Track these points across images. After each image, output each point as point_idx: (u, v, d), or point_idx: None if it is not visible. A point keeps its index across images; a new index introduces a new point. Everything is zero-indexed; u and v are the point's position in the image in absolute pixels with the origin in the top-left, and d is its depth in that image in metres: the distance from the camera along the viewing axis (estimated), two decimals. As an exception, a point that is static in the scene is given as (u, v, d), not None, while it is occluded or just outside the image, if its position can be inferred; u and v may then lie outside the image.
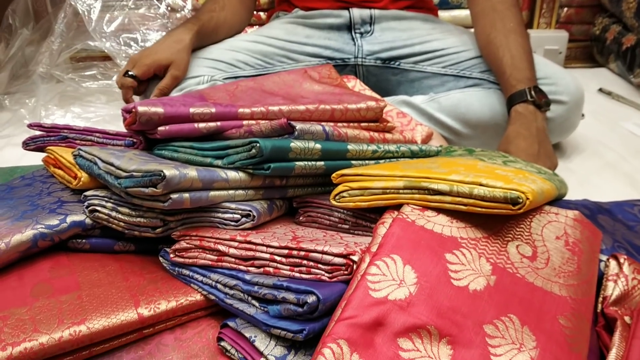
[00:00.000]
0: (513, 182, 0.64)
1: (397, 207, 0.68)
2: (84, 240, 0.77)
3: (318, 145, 0.76)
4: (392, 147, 0.88)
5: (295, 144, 0.74)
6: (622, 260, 0.72)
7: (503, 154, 0.94)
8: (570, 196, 0.96)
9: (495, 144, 1.13)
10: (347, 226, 0.76)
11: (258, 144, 0.70)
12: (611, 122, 1.49)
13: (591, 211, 0.86)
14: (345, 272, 0.62)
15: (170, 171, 0.66)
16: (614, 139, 1.39)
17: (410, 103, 1.27)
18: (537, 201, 0.66)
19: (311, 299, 0.59)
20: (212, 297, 0.68)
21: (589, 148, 1.32)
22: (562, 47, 1.99)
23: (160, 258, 0.74)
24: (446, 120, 1.23)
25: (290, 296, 0.60)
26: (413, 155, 0.92)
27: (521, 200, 0.62)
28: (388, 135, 0.96)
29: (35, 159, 0.96)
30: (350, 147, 0.81)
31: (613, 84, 1.81)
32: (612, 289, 0.70)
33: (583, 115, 1.27)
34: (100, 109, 1.46)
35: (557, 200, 0.85)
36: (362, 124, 0.94)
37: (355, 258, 0.62)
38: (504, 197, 0.62)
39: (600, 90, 1.75)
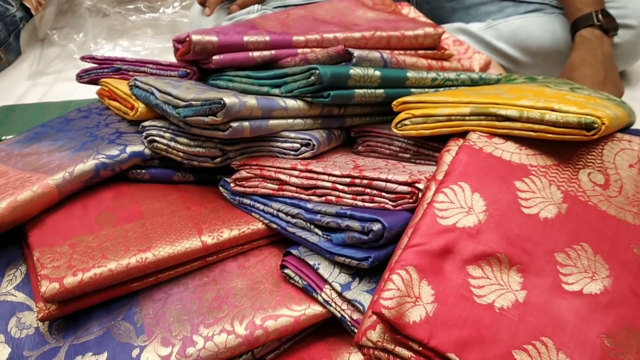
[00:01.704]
0: (587, 107, 0.61)
1: (462, 134, 0.66)
2: (143, 171, 0.77)
3: (377, 73, 0.74)
4: (452, 75, 0.85)
5: (355, 70, 0.72)
6: (697, 190, 0.69)
7: (568, 81, 0.90)
8: (638, 126, 0.92)
9: (556, 73, 1.08)
10: (408, 155, 0.74)
11: (317, 71, 0.69)
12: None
13: (662, 140, 0.83)
14: (410, 200, 0.61)
15: (230, 99, 0.65)
16: (683, 67, 1.32)
17: (466, 31, 1.22)
18: (612, 127, 0.63)
19: (376, 226, 0.58)
20: (274, 226, 0.68)
21: (656, 75, 1.26)
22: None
23: (221, 188, 0.74)
24: (505, 48, 1.18)
25: (355, 224, 0.60)
26: (473, 83, 0.88)
27: (596, 126, 0.59)
28: (446, 64, 0.92)
29: (87, 93, 0.96)
30: (409, 74, 0.79)
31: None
32: (687, 219, 0.67)
33: (651, 41, 1.21)
34: (147, 42, 1.45)
35: (626, 129, 0.81)
36: (420, 52, 0.91)
37: (420, 186, 0.61)
38: (577, 123, 0.59)
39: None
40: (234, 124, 0.66)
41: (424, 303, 0.50)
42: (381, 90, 0.75)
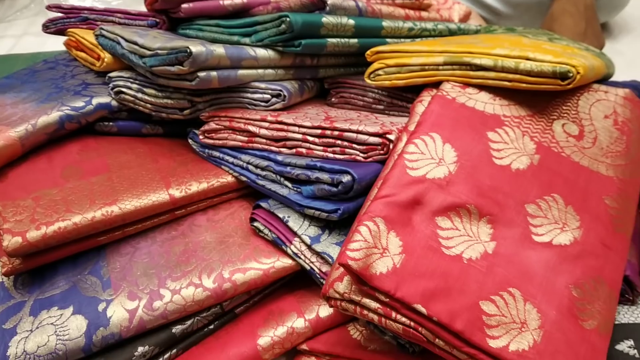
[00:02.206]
0: (562, 56, 0.59)
1: (436, 85, 0.64)
2: (111, 123, 0.75)
3: (351, 21, 0.72)
4: (429, 25, 0.83)
5: (328, 19, 0.69)
6: (672, 141, 0.68)
7: (547, 32, 0.88)
8: (619, 77, 0.91)
9: (537, 24, 1.06)
10: (382, 107, 0.73)
11: (288, 19, 0.66)
12: (662, 1, 1.39)
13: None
14: (381, 152, 0.60)
15: (197, 47, 0.62)
16: (665, 19, 1.30)
17: (446, -19, 1.19)
18: (588, 77, 0.61)
19: (346, 178, 0.57)
20: (244, 179, 0.66)
21: (638, 28, 1.24)
22: None
23: (190, 140, 0.72)
24: (486, -1, 1.16)
25: (324, 176, 0.59)
26: (451, 33, 0.86)
27: (571, 75, 0.58)
28: (424, 14, 0.90)
29: (58, 45, 0.93)
30: (385, 23, 0.76)
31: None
32: (661, 170, 0.67)
33: (633, -8, 1.19)
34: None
35: (605, 80, 0.80)
36: (397, 1, 0.88)
37: (392, 137, 0.60)
38: (552, 72, 0.58)
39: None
40: (201, 74, 0.64)
41: (392, 254, 0.49)
42: (355, 40, 0.73)
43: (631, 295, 0.59)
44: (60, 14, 0.92)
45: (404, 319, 0.48)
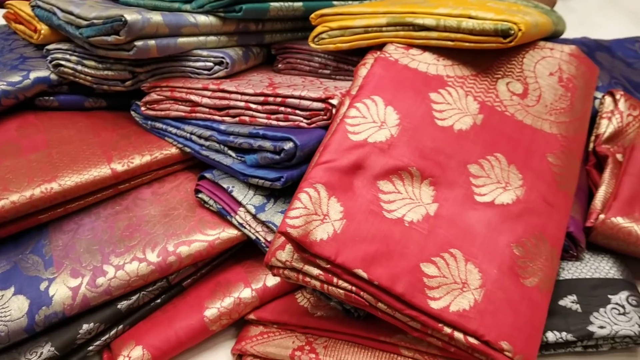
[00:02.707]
0: (505, 14, 0.58)
1: (381, 47, 0.63)
2: (51, 98, 0.72)
3: (295, -16, 0.70)
4: (378, -14, 0.81)
5: (269, -18, 0.67)
6: (618, 97, 0.68)
7: (498, -10, 0.87)
8: (570, 35, 0.91)
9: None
10: (328, 71, 0.72)
11: (227, -17, 0.64)
12: (617, -43, 1.39)
13: (589, 48, 0.82)
14: (325, 117, 0.59)
15: (132, 15, 0.60)
16: (620, -26, 1.30)
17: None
18: (531, 34, 0.61)
19: (288, 145, 0.56)
20: (188, 150, 0.65)
21: (591, -16, 1.24)
22: None
23: (132, 112, 0.71)
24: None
25: (267, 144, 0.58)
26: (401, -6, 0.85)
27: (513, 32, 0.57)
28: (374, -25, 0.88)
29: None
30: (330, -15, 0.75)
31: None
32: (606, 127, 0.67)
33: (587, -51, 1.18)
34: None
35: (554, 38, 0.80)
36: (346, -37, 0.86)
37: (334, 102, 0.59)
38: (494, 30, 0.57)
39: None
40: (139, 43, 0.62)
41: (332, 220, 0.49)
42: (300, 4, 0.71)
43: (575, 251, 0.59)
44: (-3, -15, 0.89)
45: (345, 285, 0.48)
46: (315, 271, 0.49)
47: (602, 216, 0.60)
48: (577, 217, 0.60)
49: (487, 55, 0.63)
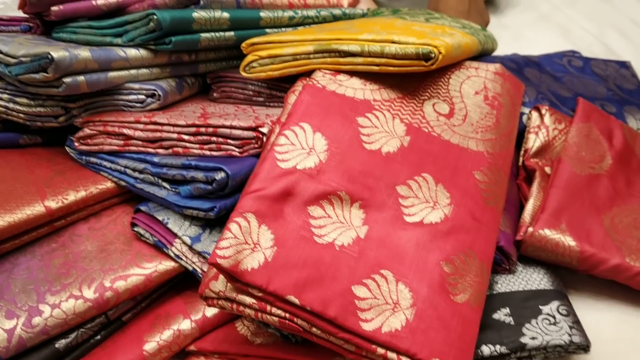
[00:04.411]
0: (426, 37, 0.60)
1: (310, 74, 0.64)
2: (-16, 137, 0.72)
3: (226, 14, 0.71)
4: (312, 12, 0.83)
5: (199, 13, 0.68)
6: (543, 112, 0.71)
7: (428, 11, 0.90)
8: (504, 51, 0.94)
9: (426, 3, 1.08)
10: (262, 99, 0.72)
11: (155, 16, 0.65)
12: (548, -28, 1.44)
13: (518, 64, 0.85)
14: (256, 146, 0.60)
15: (58, 53, 0.60)
16: (550, -10, 1.34)
17: (336, -35, 1.19)
18: (452, 56, 0.63)
19: (219, 175, 0.57)
20: (123, 183, 0.65)
21: (523, 1, 1.27)
22: None
23: (67, 148, 0.70)
24: (375, -19, 1.17)
25: (199, 174, 0.58)
26: (335, 19, 0.86)
27: (434, 55, 0.59)
28: (310, 1, 0.90)
29: None
30: (263, 14, 0.76)
31: None
32: (533, 141, 0.70)
33: (518, -34, 1.22)
34: (5, -4, 1.34)
35: (484, 56, 0.82)
36: (281, -11, 0.88)
37: (264, 130, 0.59)
38: (416, 53, 0.59)
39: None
40: (67, 80, 0.62)
41: (263, 248, 0.49)
42: (232, 33, 0.72)
43: (507, 265, 0.61)
44: None
45: (279, 312, 0.49)
46: (249, 300, 0.49)
47: (530, 229, 0.62)
48: (508, 230, 0.62)
49: (413, 77, 0.64)
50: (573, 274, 0.66)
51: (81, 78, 0.63)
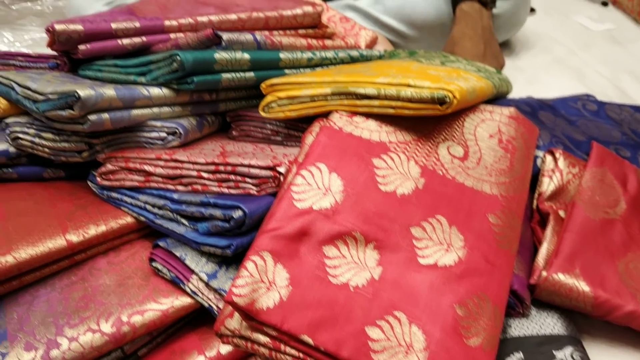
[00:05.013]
0: (441, 81, 0.62)
1: (327, 115, 0.66)
2: (10, 170, 0.74)
3: (246, 55, 0.73)
4: (330, 54, 0.85)
5: (221, 55, 0.70)
6: (557, 155, 0.72)
7: (444, 54, 0.91)
8: (518, 94, 0.95)
9: (442, 45, 1.10)
10: (280, 138, 0.74)
11: (179, 57, 0.67)
12: (562, 16, 1.46)
13: (532, 108, 0.86)
14: (273, 185, 0.61)
15: (85, 91, 0.62)
16: (565, 33, 1.36)
17: (354, 7, 1.22)
18: (467, 100, 0.64)
19: (237, 213, 0.58)
20: (143, 219, 0.66)
21: (538, 44, 1.30)
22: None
23: (89, 182, 0.72)
24: (392, 23, 1.19)
25: (217, 212, 0.59)
26: (353, 61, 0.89)
27: (448, 100, 0.60)
28: (328, 42, 0.92)
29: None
30: (282, 55, 0.78)
31: (567, -25, 1.76)
32: (547, 185, 0.70)
33: (533, 10, 1.24)
34: (33, 33, 1.38)
35: (499, 99, 0.84)
36: (300, 31, 0.90)
37: (281, 169, 0.61)
38: (431, 97, 0.60)
39: (554, -17, 1.70)
40: (92, 117, 0.64)
41: (278, 287, 0.50)
42: (252, 74, 0.74)
43: (521, 308, 0.61)
44: (-39, 59, 0.90)
45: (293, 351, 0.49)
46: (263, 339, 0.50)
47: (544, 273, 0.62)
48: (522, 274, 0.63)
49: (428, 120, 0.66)
50: (587, 319, 0.66)
51: (106, 116, 0.65)
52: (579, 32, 1.38)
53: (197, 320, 0.64)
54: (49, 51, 0.81)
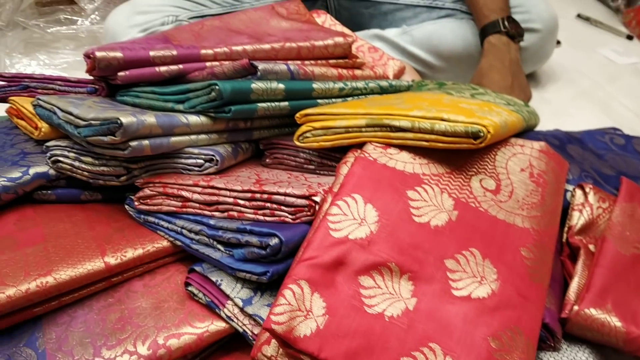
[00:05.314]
0: (475, 116, 0.63)
1: (361, 145, 0.67)
2: (49, 192, 0.76)
3: (281, 85, 0.75)
4: (360, 84, 0.87)
5: (257, 84, 0.72)
6: (587, 190, 0.72)
7: (473, 86, 0.93)
8: (544, 126, 0.96)
9: (469, 76, 1.11)
10: (313, 167, 0.76)
11: (217, 87, 0.69)
12: (588, 49, 1.48)
13: (561, 141, 0.86)
14: (308, 213, 0.62)
15: (127, 118, 0.64)
16: (591, 66, 1.38)
17: (382, 37, 1.24)
18: (500, 134, 0.65)
19: (274, 241, 0.59)
20: (179, 243, 0.68)
21: (564, 76, 1.31)
22: (541, -27, 1.94)
23: (126, 206, 0.74)
24: (419, 53, 1.21)
25: (254, 239, 0.61)
26: (382, 91, 0.90)
27: (482, 134, 0.61)
28: (358, 72, 0.94)
29: (1, 111, 0.94)
30: (315, 85, 0.80)
31: (592, 9, 1.78)
32: (577, 219, 0.71)
33: (559, 42, 1.26)
34: (67, 56, 1.42)
35: (527, 132, 0.85)
36: (331, 61, 0.92)
37: (317, 199, 0.62)
38: (465, 132, 0.62)
39: (579, 16, 1.72)
40: (133, 143, 0.66)
41: (315, 316, 0.51)
42: (286, 103, 0.76)
43: (552, 342, 0.61)
44: (2, 82, 0.93)
45: (329, 379, 0.50)
46: (300, 366, 0.51)
47: (576, 307, 0.62)
48: (553, 307, 0.63)
49: (461, 153, 0.67)
50: (619, 354, 0.66)
51: (146, 142, 0.67)
52: (605, 65, 1.40)
53: (231, 343, 0.65)
54: (83, 74, 0.83)
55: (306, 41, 0.88)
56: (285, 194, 0.63)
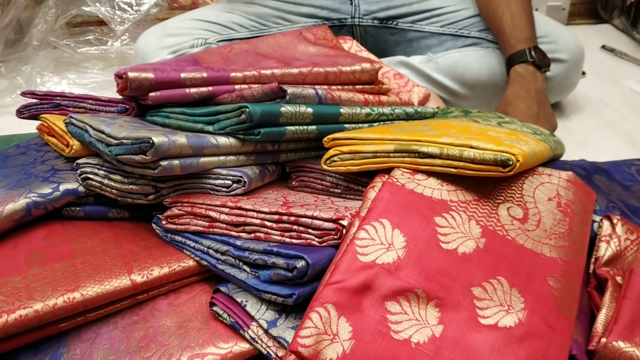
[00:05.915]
0: (504, 144, 0.63)
1: (388, 170, 0.68)
2: (78, 208, 0.77)
3: (309, 110, 0.76)
4: (387, 110, 0.88)
5: (286, 108, 0.73)
6: (615, 221, 0.72)
7: (499, 114, 0.93)
8: (569, 156, 0.95)
9: (494, 104, 1.12)
10: (339, 190, 0.76)
11: (247, 109, 0.70)
12: (613, 80, 1.47)
13: (587, 171, 0.86)
14: (335, 237, 0.63)
15: (158, 138, 0.66)
16: (615, 97, 1.37)
17: (407, 64, 1.25)
18: (529, 163, 0.65)
19: (300, 263, 0.59)
20: (205, 263, 0.68)
21: (589, 107, 1.31)
22: (565, 4, 1.95)
23: (154, 225, 0.74)
24: (444, 81, 1.22)
25: (280, 261, 0.61)
26: (408, 117, 0.91)
27: (511, 163, 0.61)
28: (383, 98, 0.95)
29: (33, 127, 0.96)
30: (343, 110, 0.81)
31: (617, 40, 1.78)
32: (605, 250, 0.70)
33: (584, 73, 1.26)
34: (96, 75, 1.45)
35: (553, 161, 0.84)
36: (357, 87, 0.93)
37: (344, 222, 0.62)
38: (494, 160, 0.62)
39: (604, 47, 1.72)
40: (164, 163, 0.67)
41: (342, 340, 0.51)
42: (314, 127, 0.77)
43: (579, 374, 0.61)
44: (34, 100, 0.95)
45: (354, 404, 0.50)
46: (325, 390, 0.50)
47: (603, 340, 0.61)
48: (580, 339, 0.62)
49: (489, 181, 0.67)
50: (646, 389, 0.65)
51: (176, 162, 0.68)
52: (630, 96, 1.39)
53: (253, 366, 0.65)
54: (112, 94, 0.85)
55: (333, 66, 0.90)
56: (313, 217, 0.63)
